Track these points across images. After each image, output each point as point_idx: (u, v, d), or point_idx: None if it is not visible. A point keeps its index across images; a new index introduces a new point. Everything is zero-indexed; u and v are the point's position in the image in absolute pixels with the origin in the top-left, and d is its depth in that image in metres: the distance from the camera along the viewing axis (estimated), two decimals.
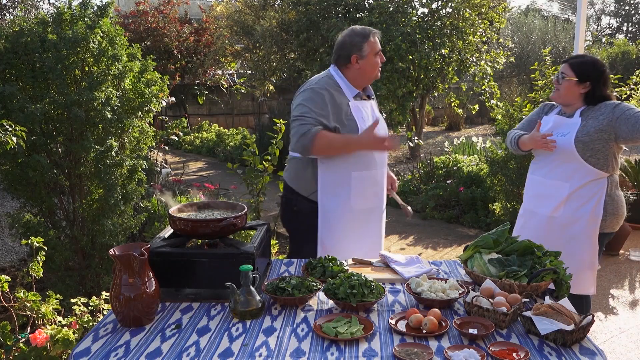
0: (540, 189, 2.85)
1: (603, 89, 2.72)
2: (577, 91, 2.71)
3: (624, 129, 2.59)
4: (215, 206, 2.33)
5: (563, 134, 2.71)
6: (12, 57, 3.30)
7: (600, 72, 2.71)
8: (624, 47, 16.26)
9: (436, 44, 8.09)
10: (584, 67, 2.69)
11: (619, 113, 2.61)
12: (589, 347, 1.66)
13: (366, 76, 2.78)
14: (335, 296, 1.91)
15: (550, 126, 2.79)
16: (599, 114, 2.67)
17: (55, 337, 2.44)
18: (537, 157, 2.90)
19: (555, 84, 2.77)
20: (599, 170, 2.68)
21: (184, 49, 13.47)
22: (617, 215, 2.79)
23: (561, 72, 2.74)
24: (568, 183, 2.71)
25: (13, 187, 3.45)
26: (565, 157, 2.70)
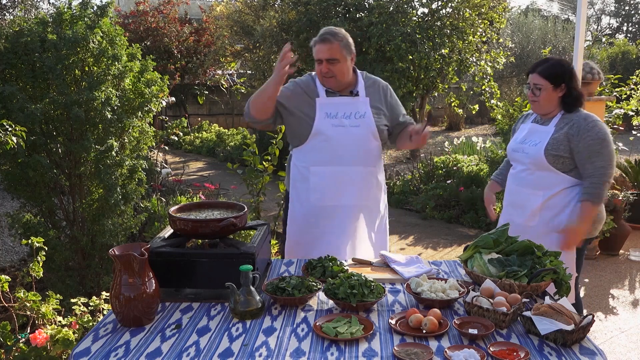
0: (514, 198, 2.84)
1: (576, 86, 2.69)
2: (555, 97, 2.67)
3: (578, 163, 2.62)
4: (215, 206, 2.33)
5: (535, 143, 2.70)
6: (12, 57, 3.30)
7: (569, 70, 2.68)
8: (624, 47, 16.26)
9: (436, 44, 8.09)
10: (554, 71, 2.65)
11: (583, 145, 2.58)
12: (589, 347, 1.66)
13: (318, 77, 2.75)
14: (335, 296, 1.91)
15: (525, 134, 2.78)
16: (571, 126, 2.62)
17: (55, 337, 2.44)
18: (513, 165, 2.88)
19: (531, 96, 2.70)
20: (572, 177, 2.66)
21: (184, 49, 13.48)
22: (597, 221, 2.76)
23: (534, 84, 2.68)
24: (541, 192, 2.68)
25: (13, 187, 3.45)
26: (537, 166, 2.68)
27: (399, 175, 8.46)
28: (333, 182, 2.68)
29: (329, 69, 2.64)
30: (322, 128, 2.66)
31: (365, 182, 2.76)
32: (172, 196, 5.63)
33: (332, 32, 2.67)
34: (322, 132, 2.66)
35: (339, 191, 2.71)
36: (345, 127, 2.67)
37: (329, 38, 2.63)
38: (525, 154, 2.72)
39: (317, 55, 2.66)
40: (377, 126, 2.71)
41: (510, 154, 2.87)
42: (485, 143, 9.17)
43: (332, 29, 2.69)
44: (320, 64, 2.66)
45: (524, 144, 2.74)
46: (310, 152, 2.70)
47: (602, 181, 2.57)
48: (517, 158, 2.80)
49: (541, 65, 2.69)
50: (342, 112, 2.69)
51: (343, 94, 2.74)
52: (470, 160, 7.88)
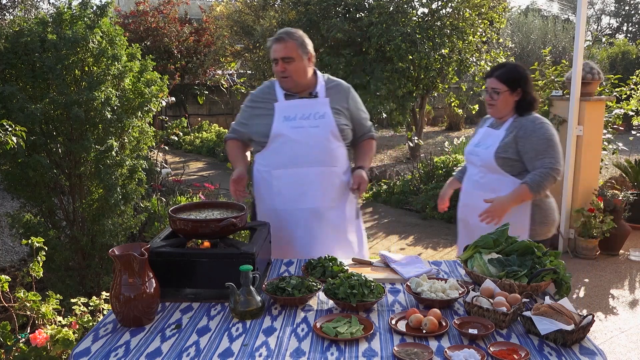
0: (468, 200, 2.89)
1: (531, 90, 2.75)
2: (511, 101, 2.73)
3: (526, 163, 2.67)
4: (215, 206, 2.33)
5: (487, 146, 2.76)
6: (12, 57, 3.30)
7: (525, 75, 2.75)
8: (624, 47, 16.26)
9: (436, 44, 8.09)
10: (511, 76, 2.70)
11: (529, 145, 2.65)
12: (589, 347, 1.66)
13: (276, 78, 2.76)
14: (335, 296, 1.91)
15: (479, 137, 2.85)
16: (520, 129, 2.68)
17: (55, 337, 2.44)
18: (468, 167, 2.96)
19: (489, 100, 2.76)
20: (522, 180, 2.68)
21: (184, 49, 13.47)
22: (546, 224, 2.79)
23: (491, 88, 2.73)
24: (493, 194, 2.70)
25: (13, 187, 3.45)
26: (488, 169, 2.75)
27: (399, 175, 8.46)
28: (295, 184, 2.66)
29: (285, 68, 2.63)
30: (281, 130, 2.66)
31: (329, 182, 2.73)
32: (172, 196, 5.63)
33: (288, 31, 2.67)
34: (281, 134, 2.66)
35: (301, 193, 2.68)
36: (304, 128, 2.66)
37: (284, 37, 2.64)
38: (477, 157, 2.80)
39: (273, 55, 2.67)
40: (337, 126, 2.70)
41: (466, 157, 2.94)
42: None
43: (288, 29, 2.70)
44: (276, 64, 2.66)
45: (478, 147, 2.81)
46: (271, 155, 2.70)
47: (547, 173, 2.62)
48: (471, 160, 2.87)
49: (499, 69, 2.75)
50: (300, 114, 2.68)
51: (302, 96, 2.73)
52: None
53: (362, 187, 2.70)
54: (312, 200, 2.69)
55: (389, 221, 6.75)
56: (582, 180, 5.45)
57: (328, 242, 2.75)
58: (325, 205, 2.72)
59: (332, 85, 2.80)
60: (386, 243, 5.90)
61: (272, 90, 2.76)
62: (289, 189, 2.66)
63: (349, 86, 2.87)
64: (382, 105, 8.16)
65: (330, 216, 2.75)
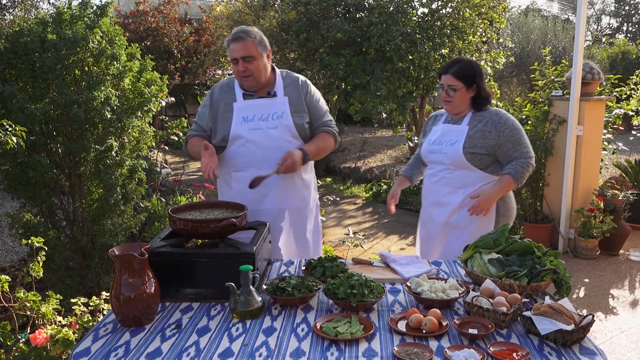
0: (434, 197, 2.86)
1: (485, 86, 2.76)
2: (467, 97, 2.73)
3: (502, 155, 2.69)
4: (215, 206, 2.33)
5: (451, 142, 2.73)
6: (12, 57, 3.30)
7: (479, 71, 2.74)
8: (624, 47, 16.25)
9: (436, 44, 8.08)
10: (466, 72, 2.70)
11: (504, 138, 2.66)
12: (589, 347, 1.66)
13: (236, 78, 2.70)
14: (335, 296, 1.91)
15: (439, 134, 2.81)
16: (485, 123, 2.69)
17: (55, 337, 2.44)
18: (430, 165, 2.90)
19: (445, 97, 2.75)
20: (490, 174, 2.71)
21: (184, 49, 13.47)
22: (508, 217, 2.82)
23: (447, 85, 2.72)
24: (461, 189, 2.73)
25: (13, 187, 3.45)
26: (456, 165, 2.72)
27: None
28: None
29: (246, 68, 2.59)
30: (240, 132, 2.64)
31: (289, 183, 2.72)
32: (172, 196, 5.63)
33: (245, 30, 2.63)
34: (239, 137, 2.64)
35: (261, 195, 2.67)
36: (262, 130, 2.64)
37: (242, 36, 2.59)
38: (443, 154, 2.75)
39: (232, 55, 2.61)
40: (296, 125, 2.67)
41: (427, 156, 2.88)
42: None
43: (244, 28, 2.65)
44: (236, 64, 2.61)
45: (441, 145, 2.77)
46: (231, 158, 2.69)
47: (527, 163, 2.68)
48: (435, 159, 2.82)
49: (453, 66, 2.73)
50: (259, 115, 2.65)
51: (261, 95, 2.70)
52: None
53: (287, 164, 2.53)
54: (272, 202, 2.70)
55: (389, 221, 6.75)
56: (582, 180, 5.45)
57: (291, 243, 2.78)
58: (287, 206, 2.73)
59: (289, 82, 2.75)
60: (386, 243, 5.90)
61: (230, 90, 2.73)
62: (248, 191, 2.61)
63: (305, 80, 2.82)
64: (382, 105, 8.16)
65: (292, 216, 2.76)
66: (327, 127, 2.79)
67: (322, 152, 2.78)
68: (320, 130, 2.77)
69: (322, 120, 2.78)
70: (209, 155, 2.48)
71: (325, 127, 2.78)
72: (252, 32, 2.63)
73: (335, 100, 9.55)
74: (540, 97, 5.72)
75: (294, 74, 2.81)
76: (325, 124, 2.79)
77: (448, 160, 2.74)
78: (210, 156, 2.48)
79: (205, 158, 2.48)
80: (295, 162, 2.54)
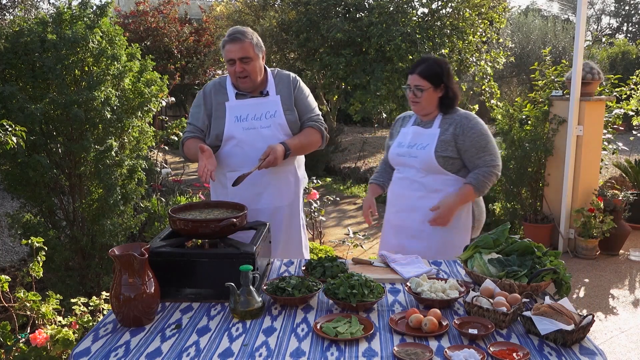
0: (406, 202, 2.75)
1: (453, 86, 2.67)
2: (435, 97, 2.65)
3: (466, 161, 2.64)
4: (215, 206, 2.33)
5: (422, 146, 2.65)
6: (12, 57, 3.30)
7: (447, 70, 2.66)
8: (624, 47, 16.25)
9: (436, 44, 8.08)
10: (433, 71, 2.61)
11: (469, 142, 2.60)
12: (589, 347, 1.66)
13: (231, 79, 2.69)
14: (335, 296, 1.91)
15: (410, 138, 2.72)
16: (455, 127, 2.62)
17: (55, 337, 2.44)
18: (400, 169, 2.80)
19: (412, 97, 2.66)
20: (462, 177, 2.65)
21: (184, 49, 13.47)
22: (481, 220, 2.78)
23: (414, 85, 2.63)
24: (434, 194, 2.64)
25: (13, 187, 3.45)
26: (429, 169, 2.64)
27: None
28: (250, 185, 2.62)
29: (243, 69, 2.59)
30: (233, 132, 2.64)
31: (283, 182, 2.74)
32: (172, 196, 5.63)
33: (241, 31, 2.62)
34: (233, 137, 2.64)
35: (257, 194, 2.69)
36: (256, 129, 2.64)
37: (240, 37, 2.59)
38: (414, 157, 2.67)
39: (229, 56, 2.60)
40: (289, 122, 2.68)
41: (396, 159, 2.79)
42: None
43: (239, 29, 2.65)
44: (233, 65, 2.60)
45: (412, 148, 2.68)
46: (225, 158, 2.69)
47: (490, 172, 2.61)
48: (406, 162, 2.72)
49: (420, 65, 2.64)
50: (252, 114, 2.66)
51: (254, 95, 2.70)
52: None
53: (269, 159, 2.51)
54: (267, 201, 2.72)
55: None
56: (582, 180, 5.45)
57: (287, 241, 2.80)
58: (281, 204, 2.75)
59: (280, 80, 2.75)
60: None
61: (222, 89, 2.72)
62: (244, 190, 2.61)
63: (295, 76, 2.82)
64: (382, 105, 8.16)
65: (286, 214, 2.78)
66: (313, 122, 2.77)
67: (306, 147, 2.76)
68: (306, 125, 2.76)
69: (309, 116, 2.77)
70: (207, 158, 2.47)
71: (312, 122, 2.76)
72: (248, 33, 2.62)
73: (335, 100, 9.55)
74: (540, 97, 5.72)
75: (284, 72, 2.81)
76: (312, 119, 2.77)
77: (419, 164, 2.66)
78: (208, 158, 2.47)
79: (203, 161, 2.46)
80: (277, 158, 2.53)
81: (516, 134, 5.60)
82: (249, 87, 2.67)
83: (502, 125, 5.77)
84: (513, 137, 5.61)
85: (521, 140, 5.55)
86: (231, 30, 2.65)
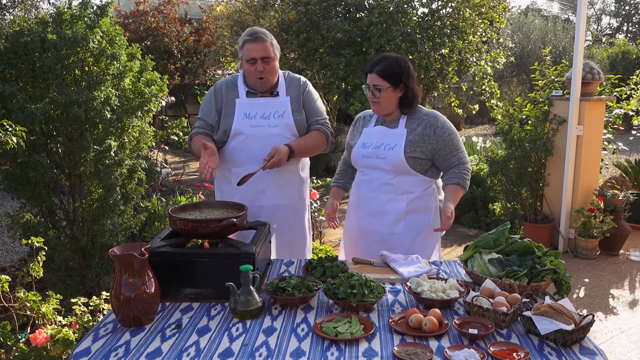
0: (375, 206, 2.65)
1: (413, 85, 2.58)
2: (395, 97, 2.56)
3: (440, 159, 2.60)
4: (215, 206, 2.33)
5: (390, 147, 2.57)
6: (12, 57, 3.30)
7: (407, 69, 2.56)
8: (624, 47, 16.26)
9: (436, 44, 8.08)
10: (392, 71, 2.51)
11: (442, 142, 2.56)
12: (589, 347, 1.66)
13: (249, 80, 2.70)
14: (335, 296, 1.91)
15: (375, 138, 2.63)
16: (424, 127, 2.57)
17: (55, 337, 2.44)
18: (366, 171, 2.69)
19: (371, 97, 2.57)
20: (429, 177, 2.63)
21: (184, 49, 13.47)
22: None
23: (373, 85, 2.54)
24: (405, 195, 2.59)
25: (13, 187, 3.45)
26: (398, 170, 2.57)
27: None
28: (254, 182, 2.61)
29: (264, 69, 2.61)
30: (241, 129, 2.65)
31: (287, 180, 2.76)
32: (172, 196, 5.63)
33: (263, 31, 2.65)
34: (240, 133, 2.66)
35: (260, 191, 2.70)
36: (263, 127, 2.66)
37: (263, 37, 2.61)
38: (382, 159, 2.58)
39: (251, 55, 2.60)
40: (297, 123, 2.70)
41: (361, 160, 2.67)
42: (485, 143, 9.16)
43: (259, 29, 2.67)
44: (254, 64, 2.61)
45: (379, 149, 2.59)
46: (231, 153, 2.70)
47: (467, 169, 2.63)
48: (373, 164, 2.63)
49: (379, 64, 2.55)
50: (261, 113, 2.68)
51: (264, 95, 2.72)
52: (470, 160, 7.87)
53: (274, 160, 2.52)
54: (271, 198, 2.73)
55: None
56: (582, 180, 5.45)
57: (291, 239, 2.81)
58: (284, 202, 2.76)
59: (290, 82, 2.78)
60: None
61: (234, 87, 2.74)
62: (248, 186, 2.62)
63: (306, 80, 2.85)
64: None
65: (289, 213, 2.79)
66: (319, 125, 2.78)
67: (311, 149, 2.77)
68: (312, 128, 2.77)
69: (316, 119, 2.79)
70: (209, 155, 2.47)
71: (318, 125, 2.77)
72: (268, 34, 2.67)
73: (335, 100, 9.55)
74: (540, 97, 5.72)
75: (295, 75, 2.84)
76: (319, 122, 2.78)
77: (388, 166, 2.57)
78: (210, 156, 2.47)
79: (204, 158, 2.46)
80: (281, 159, 2.55)
81: (516, 134, 5.60)
82: (266, 87, 2.69)
83: (502, 125, 5.77)
84: (513, 137, 5.61)
85: (521, 140, 5.55)
86: (252, 30, 2.67)
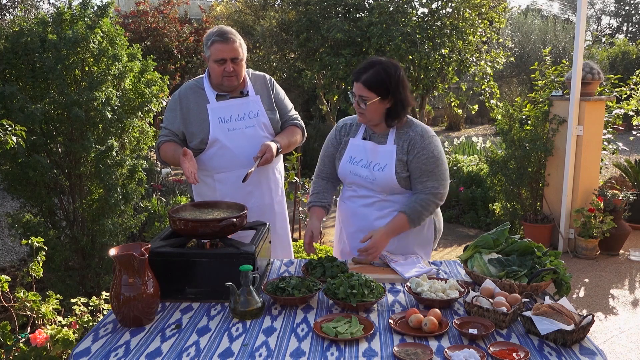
0: (365, 222, 2.50)
1: (404, 96, 2.37)
2: (382, 108, 2.36)
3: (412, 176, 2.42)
4: (215, 206, 2.33)
5: (381, 167, 2.41)
6: (12, 57, 3.30)
7: (396, 77, 2.34)
8: (624, 47, 16.26)
9: (436, 44, 8.08)
10: (379, 80, 2.30)
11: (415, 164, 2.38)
12: (589, 347, 1.66)
13: (215, 79, 2.66)
14: (335, 296, 1.91)
15: (363, 155, 2.45)
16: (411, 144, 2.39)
17: (55, 337, 2.44)
18: (355, 187, 2.54)
19: (357, 108, 2.39)
20: None
21: (184, 49, 13.45)
22: (441, 229, 2.69)
23: (358, 95, 2.34)
24: (396, 212, 2.43)
25: (13, 187, 3.45)
26: (390, 189, 2.44)
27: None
28: (240, 185, 2.59)
29: (233, 69, 2.59)
30: (218, 135, 2.63)
31: (272, 178, 2.81)
32: (172, 196, 5.63)
33: (231, 31, 2.62)
34: (218, 139, 2.64)
35: (248, 193, 2.70)
36: (240, 130, 2.66)
37: (231, 37, 2.59)
38: (372, 181, 2.43)
39: (220, 55, 2.56)
40: (272, 121, 2.72)
41: (349, 177, 2.51)
42: (485, 143, 9.17)
43: (227, 29, 2.64)
44: (223, 64, 2.58)
45: (368, 168, 2.43)
46: (211, 160, 2.68)
47: (429, 200, 2.39)
48: (360, 182, 2.48)
49: (366, 72, 2.33)
50: (235, 115, 2.67)
51: (234, 95, 2.70)
52: (470, 160, 7.88)
53: (266, 156, 2.53)
54: (259, 198, 2.75)
55: None
56: (582, 180, 5.45)
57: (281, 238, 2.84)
58: (270, 202, 2.79)
59: (255, 80, 2.78)
60: None
61: (201, 91, 2.69)
62: (234, 190, 2.62)
63: (270, 77, 2.86)
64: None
65: (276, 209, 2.83)
66: (294, 120, 2.85)
67: (292, 144, 2.82)
68: (288, 124, 2.83)
69: (289, 115, 2.85)
70: (189, 160, 2.46)
71: (293, 120, 2.85)
72: (236, 34, 2.65)
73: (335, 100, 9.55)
74: (540, 97, 5.72)
75: (258, 73, 2.85)
76: (292, 118, 2.86)
77: (378, 187, 2.44)
78: (190, 161, 2.47)
79: (186, 163, 2.45)
80: (272, 155, 2.58)
81: (516, 134, 5.60)
82: (234, 85, 2.67)
83: (502, 125, 5.77)
84: (513, 137, 5.61)
85: (521, 140, 5.55)
86: (220, 29, 2.63)
